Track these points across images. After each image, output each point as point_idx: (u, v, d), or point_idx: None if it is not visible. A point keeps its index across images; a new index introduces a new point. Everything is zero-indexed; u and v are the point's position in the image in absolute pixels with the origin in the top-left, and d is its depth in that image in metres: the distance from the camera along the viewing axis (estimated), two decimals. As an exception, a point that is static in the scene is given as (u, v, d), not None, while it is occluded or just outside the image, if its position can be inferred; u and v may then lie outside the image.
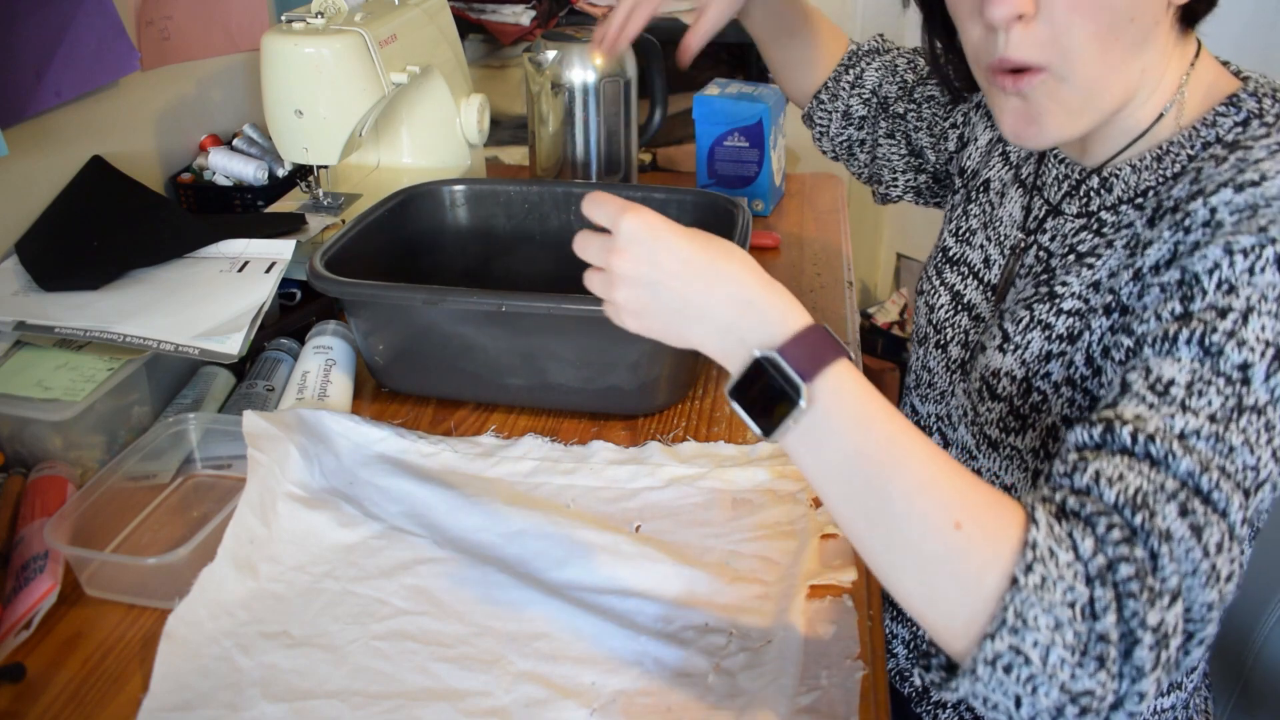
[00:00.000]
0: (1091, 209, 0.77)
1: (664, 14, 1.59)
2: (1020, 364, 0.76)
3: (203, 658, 0.68)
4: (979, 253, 0.88)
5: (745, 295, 0.58)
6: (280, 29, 1.07)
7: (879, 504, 0.54)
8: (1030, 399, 0.75)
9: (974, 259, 0.89)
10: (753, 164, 1.36)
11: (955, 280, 0.90)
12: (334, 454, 0.86)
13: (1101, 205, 0.76)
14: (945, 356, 0.88)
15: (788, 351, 0.56)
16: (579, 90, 1.32)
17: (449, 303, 0.88)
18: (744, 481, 0.85)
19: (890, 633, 0.93)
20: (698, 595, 0.73)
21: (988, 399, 0.78)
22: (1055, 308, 0.74)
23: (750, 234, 0.97)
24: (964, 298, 0.88)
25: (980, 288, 0.87)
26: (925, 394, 0.92)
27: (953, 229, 0.93)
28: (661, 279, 0.60)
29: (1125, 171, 0.75)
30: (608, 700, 0.65)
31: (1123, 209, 0.74)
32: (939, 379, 0.90)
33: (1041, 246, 0.81)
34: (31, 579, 0.73)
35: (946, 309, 0.89)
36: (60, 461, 0.85)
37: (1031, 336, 0.75)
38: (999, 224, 0.87)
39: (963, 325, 0.87)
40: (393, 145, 1.33)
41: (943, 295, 0.90)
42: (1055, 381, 0.74)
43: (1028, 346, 0.75)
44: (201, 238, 1.02)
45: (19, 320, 0.90)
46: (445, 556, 0.77)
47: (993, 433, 0.78)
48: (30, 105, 1.02)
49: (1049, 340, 0.74)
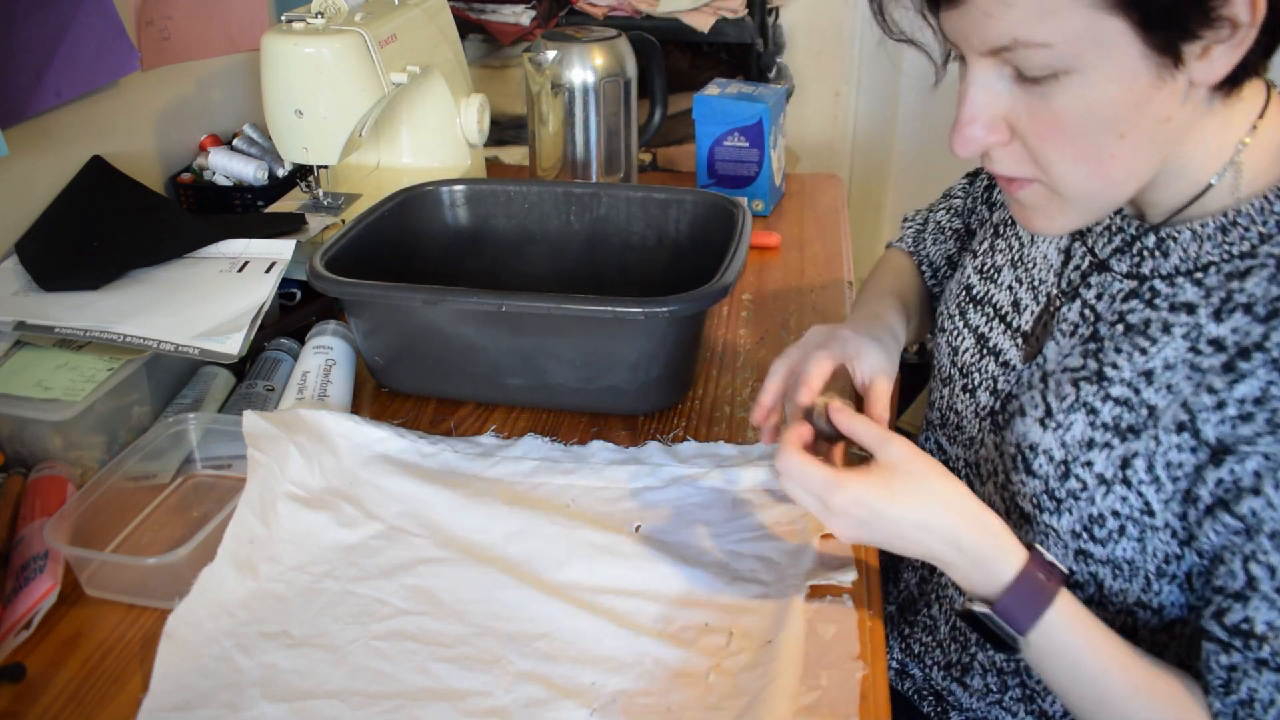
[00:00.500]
0: (1143, 272, 0.70)
1: (664, 14, 1.60)
2: (1060, 445, 0.70)
3: (203, 658, 0.68)
4: (1006, 294, 0.82)
5: (955, 538, 0.65)
6: (280, 29, 1.07)
7: (1100, 706, 0.64)
8: (1068, 484, 0.70)
9: (1001, 301, 0.82)
10: (753, 164, 1.36)
11: (980, 322, 0.83)
12: (334, 454, 0.86)
13: (1155, 271, 0.69)
14: (974, 402, 0.83)
15: (1003, 607, 0.64)
16: (579, 90, 1.32)
17: (449, 303, 0.88)
18: (744, 481, 0.85)
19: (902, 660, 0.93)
20: (698, 595, 0.73)
21: (1022, 471, 0.73)
22: (1103, 391, 0.68)
23: (750, 234, 0.97)
24: (990, 341, 0.82)
25: (1008, 333, 0.81)
26: (953, 435, 0.86)
27: (977, 265, 0.86)
28: (881, 540, 0.68)
29: (1185, 237, 0.67)
30: (608, 700, 0.65)
31: (1179, 281, 0.67)
32: (967, 423, 0.84)
33: (1086, 304, 0.74)
34: (31, 579, 0.73)
35: (972, 352, 0.83)
36: (60, 461, 0.85)
37: (1075, 419, 0.70)
38: (1031, 265, 0.80)
39: (990, 371, 0.81)
40: (393, 145, 1.33)
41: (967, 338, 0.84)
42: (1100, 474, 0.68)
43: (1070, 428, 0.70)
44: (201, 238, 1.02)
45: (19, 320, 0.90)
46: (445, 556, 0.77)
47: (1025, 506, 0.74)
48: (30, 105, 1.02)
49: (1092, 427, 0.69)
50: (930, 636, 0.89)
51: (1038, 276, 0.80)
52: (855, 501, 0.66)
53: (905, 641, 0.92)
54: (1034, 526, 0.73)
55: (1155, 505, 0.66)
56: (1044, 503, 0.72)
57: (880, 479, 0.67)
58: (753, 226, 1.19)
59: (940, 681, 0.89)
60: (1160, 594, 0.69)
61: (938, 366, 0.89)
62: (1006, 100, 0.62)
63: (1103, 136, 0.60)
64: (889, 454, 0.67)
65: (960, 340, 0.85)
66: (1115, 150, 0.61)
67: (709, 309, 0.90)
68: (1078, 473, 0.69)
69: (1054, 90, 0.59)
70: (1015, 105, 0.62)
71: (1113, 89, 0.58)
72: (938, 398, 0.89)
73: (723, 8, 1.60)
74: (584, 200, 1.10)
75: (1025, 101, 0.61)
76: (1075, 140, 0.61)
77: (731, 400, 0.97)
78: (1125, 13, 0.56)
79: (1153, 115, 0.60)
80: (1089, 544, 0.70)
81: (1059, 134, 0.61)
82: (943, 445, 0.88)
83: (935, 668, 0.89)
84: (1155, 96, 0.59)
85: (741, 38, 1.61)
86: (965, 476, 0.84)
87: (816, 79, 2.18)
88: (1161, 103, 0.59)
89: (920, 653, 0.90)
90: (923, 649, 0.90)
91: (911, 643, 0.91)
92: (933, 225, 1.03)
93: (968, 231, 1.00)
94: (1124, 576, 0.69)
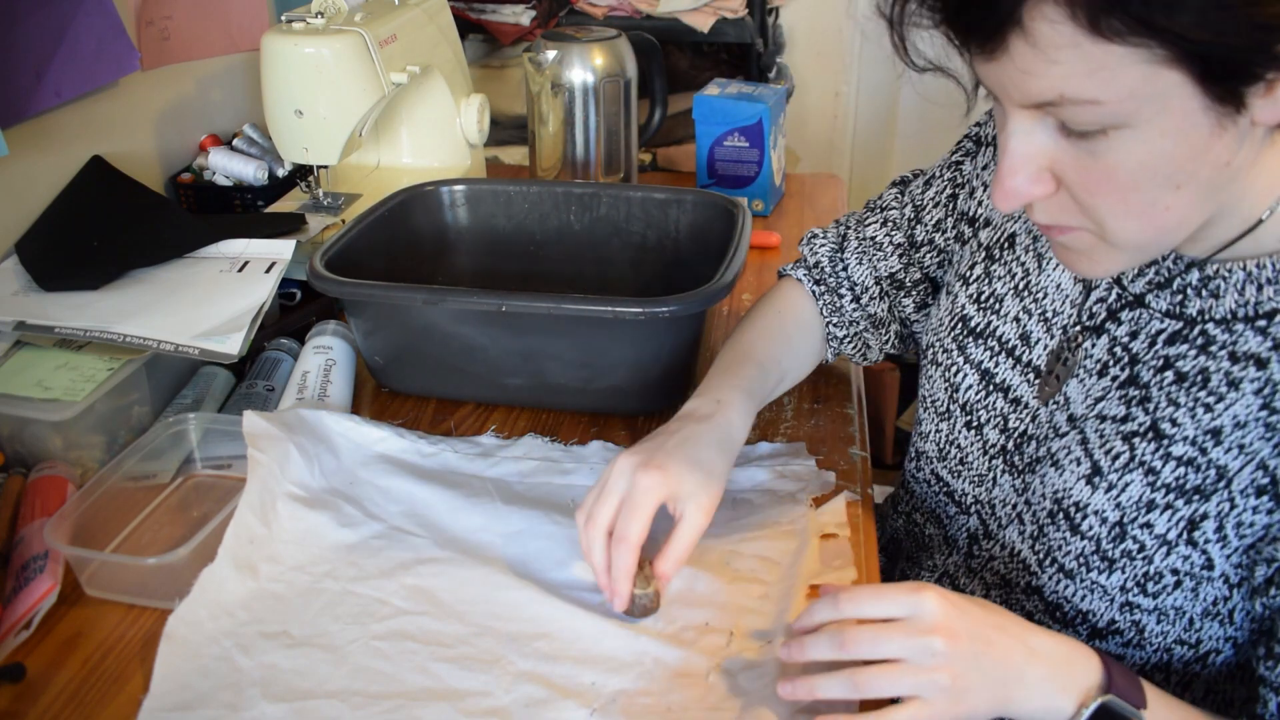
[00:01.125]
0: (1189, 313, 0.65)
1: (664, 14, 1.60)
2: (1115, 506, 0.67)
3: (203, 658, 0.68)
4: (1012, 326, 0.77)
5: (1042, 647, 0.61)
6: (280, 29, 1.07)
7: None
8: (1124, 545, 0.67)
9: (1007, 334, 0.77)
10: (753, 164, 1.36)
11: (982, 357, 0.78)
12: (334, 454, 0.86)
13: (1206, 314, 0.64)
14: (981, 439, 0.79)
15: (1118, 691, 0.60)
16: (579, 90, 1.32)
17: (449, 303, 0.88)
18: (744, 481, 0.85)
19: None
20: (698, 595, 0.73)
21: (1065, 530, 0.69)
22: (1163, 450, 0.65)
23: (750, 234, 0.97)
24: (995, 377, 0.77)
25: (1017, 367, 0.76)
26: (957, 470, 0.82)
27: (971, 294, 0.81)
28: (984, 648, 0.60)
29: (1237, 276, 0.63)
30: (608, 700, 0.65)
31: (1239, 328, 0.63)
32: (974, 460, 0.80)
33: (1118, 342, 0.69)
34: (31, 579, 0.73)
35: (975, 389, 0.79)
36: (60, 461, 0.85)
37: (1132, 479, 0.66)
38: (1040, 295, 0.75)
39: (999, 408, 0.77)
40: (393, 145, 1.33)
41: (969, 374, 0.79)
42: (1161, 535, 0.65)
43: (1125, 489, 0.66)
44: (201, 238, 1.02)
45: (19, 320, 0.90)
46: (445, 557, 0.77)
47: (1069, 564, 0.70)
48: (30, 105, 1.02)
49: (1152, 488, 0.65)
50: None
51: (1050, 307, 0.75)
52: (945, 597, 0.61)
53: None
54: (1074, 580, 0.70)
55: (1217, 560, 0.64)
56: (1093, 562, 0.68)
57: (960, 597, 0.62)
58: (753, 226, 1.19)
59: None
60: (1201, 631, 0.68)
61: (930, 398, 0.84)
62: (1051, 152, 0.57)
63: (1157, 190, 0.56)
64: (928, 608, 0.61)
65: (960, 376, 0.80)
66: (1170, 202, 0.56)
67: (709, 309, 0.90)
68: (1135, 534, 0.66)
69: (1104, 146, 0.55)
70: (1060, 157, 0.57)
71: (1169, 143, 0.54)
72: (932, 430, 0.84)
73: (723, 8, 1.60)
74: (584, 200, 1.10)
75: (1072, 155, 0.57)
76: (1128, 195, 0.56)
77: (731, 400, 0.97)
78: (1184, 65, 0.50)
79: (1211, 163, 0.55)
80: (1138, 597, 0.68)
81: (1110, 189, 0.57)
82: (943, 477, 0.84)
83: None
84: (1214, 145, 0.54)
85: (741, 38, 1.61)
86: (976, 513, 0.81)
87: (816, 79, 2.18)
88: (1221, 150, 0.54)
89: None
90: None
91: None
92: (857, 242, 0.94)
93: (911, 245, 0.91)
94: (1168, 621, 0.68)
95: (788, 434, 0.92)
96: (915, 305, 0.93)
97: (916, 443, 0.88)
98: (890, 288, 0.93)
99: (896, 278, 0.93)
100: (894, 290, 0.93)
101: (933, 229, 0.90)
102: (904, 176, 0.96)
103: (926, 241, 0.90)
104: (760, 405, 0.84)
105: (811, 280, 0.95)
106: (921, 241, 0.91)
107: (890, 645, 0.60)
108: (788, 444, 0.90)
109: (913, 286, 0.92)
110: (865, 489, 0.84)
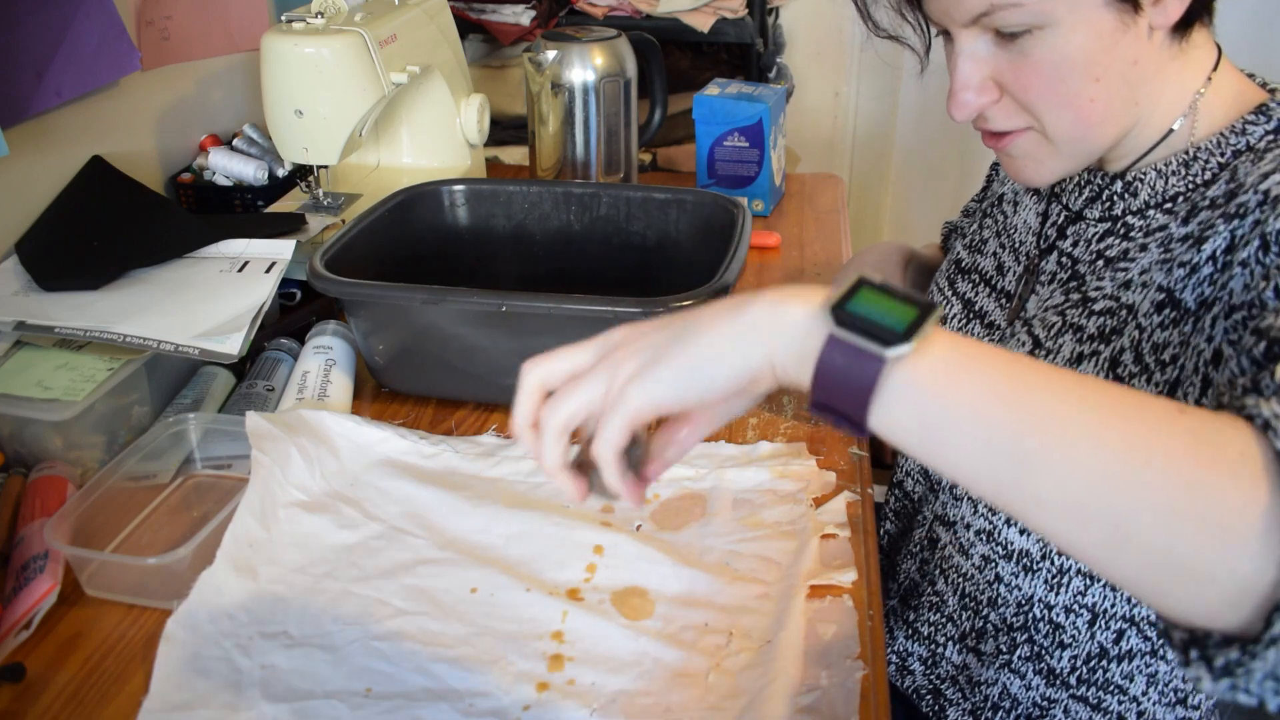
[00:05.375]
0: (1115, 213, 0.77)
1: (664, 13, 1.60)
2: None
3: (202, 658, 0.68)
4: (991, 260, 0.89)
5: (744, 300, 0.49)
6: (280, 29, 1.07)
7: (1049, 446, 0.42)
8: None
9: (986, 266, 0.89)
10: (753, 164, 1.36)
11: (967, 289, 0.90)
12: (335, 456, 0.86)
13: (1127, 210, 0.77)
14: None
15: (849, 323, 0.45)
16: (579, 90, 1.32)
17: (449, 303, 0.88)
18: (744, 481, 0.85)
19: (906, 650, 0.93)
20: (698, 595, 0.73)
21: None
22: (1086, 310, 0.75)
23: (750, 234, 0.97)
24: (976, 305, 0.88)
25: (993, 294, 0.87)
26: None
27: (966, 242, 0.94)
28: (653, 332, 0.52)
29: (1150, 176, 0.75)
30: (608, 700, 0.65)
31: (1150, 213, 0.75)
32: None
33: (1063, 253, 0.81)
34: (31, 579, 0.73)
35: (959, 319, 0.89)
36: (60, 461, 0.85)
37: (1063, 340, 0.75)
38: (1013, 231, 0.88)
39: (975, 334, 0.86)
40: (393, 145, 1.33)
41: (955, 305, 0.90)
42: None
43: (1059, 351, 0.75)
44: (201, 238, 1.02)
45: (19, 320, 0.90)
46: (445, 557, 0.77)
47: None
48: (30, 105, 1.02)
49: (1079, 342, 0.74)
50: (939, 614, 0.89)
51: (1019, 239, 0.87)
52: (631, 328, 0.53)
53: (911, 628, 0.92)
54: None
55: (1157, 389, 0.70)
56: None
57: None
58: (753, 226, 1.19)
59: (955, 659, 0.88)
60: None
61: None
62: (990, 62, 0.70)
63: (1079, 81, 0.68)
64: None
65: (950, 309, 0.90)
66: (1093, 93, 0.68)
67: (709, 309, 0.89)
68: None
69: (1030, 44, 0.67)
70: (999, 65, 0.70)
71: (1081, 37, 0.66)
72: None
73: (723, 8, 1.60)
74: (584, 200, 1.10)
75: (1007, 60, 0.69)
76: (1055, 87, 0.68)
77: (731, 400, 0.97)
78: None
79: (1122, 58, 0.68)
80: None
81: (1040, 83, 0.69)
82: None
83: (950, 643, 0.89)
84: (1121, 40, 0.67)
85: (741, 38, 1.61)
86: None
87: (816, 79, 2.18)
88: (1128, 46, 0.67)
89: (930, 634, 0.90)
90: (932, 629, 0.90)
91: (919, 625, 0.91)
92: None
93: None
94: None
95: (788, 434, 0.92)
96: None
97: None
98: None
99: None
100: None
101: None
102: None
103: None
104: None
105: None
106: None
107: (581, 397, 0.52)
108: (788, 444, 0.90)
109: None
110: (865, 489, 0.84)
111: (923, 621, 0.91)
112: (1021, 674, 0.84)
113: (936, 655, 0.90)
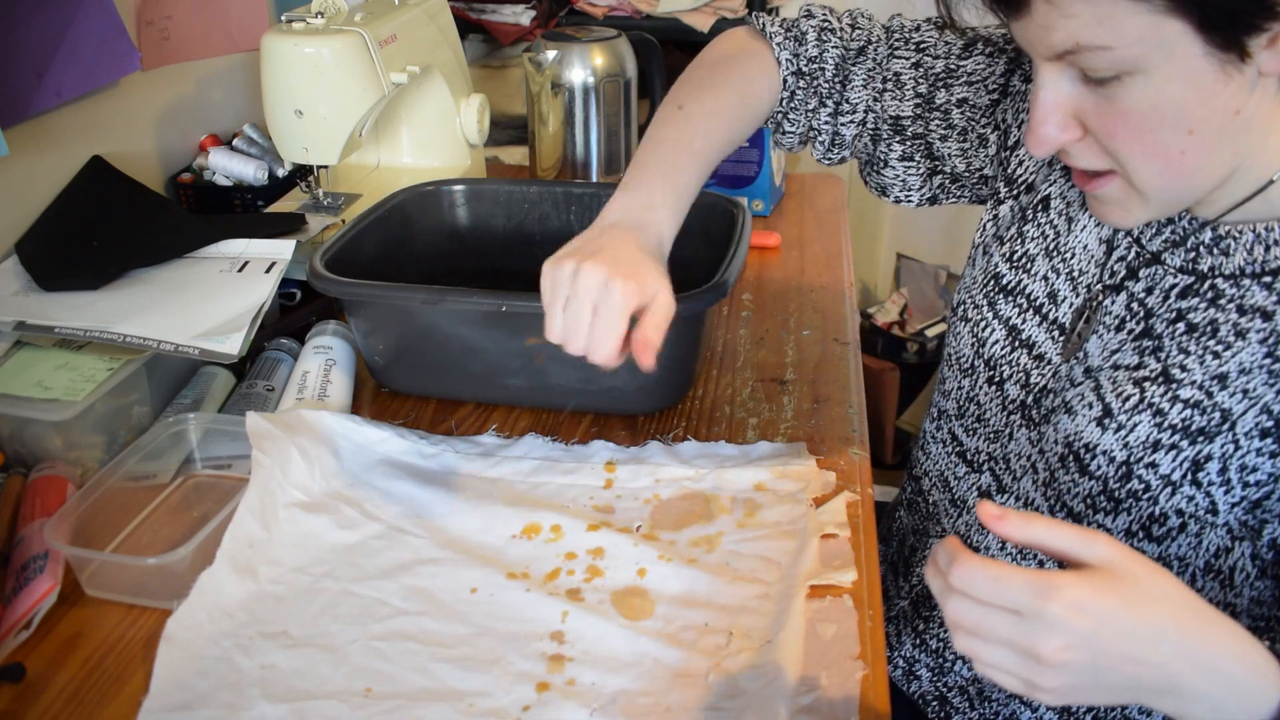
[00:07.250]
0: (1201, 269, 0.69)
1: (664, 13, 1.60)
2: (1123, 446, 0.69)
3: (203, 659, 0.68)
4: (1041, 285, 0.79)
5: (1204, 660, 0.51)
6: (280, 29, 1.07)
7: None
8: (1129, 485, 0.69)
9: (1036, 292, 0.80)
10: (753, 164, 1.36)
11: (1011, 313, 0.81)
12: (335, 456, 0.86)
13: (1215, 270, 0.68)
14: (1001, 395, 0.81)
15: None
16: (579, 90, 1.32)
17: (449, 303, 0.88)
18: (744, 481, 0.85)
19: (912, 657, 0.92)
20: (698, 595, 0.73)
21: (1075, 472, 0.72)
22: (1171, 393, 0.67)
23: (750, 234, 0.97)
24: (1022, 334, 0.80)
25: (1044, 324, 0.79)
26: (973, 427, 0.85)
27: (1005, 253, 0.83)
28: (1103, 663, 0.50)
29: (1247, 236, 0.67)
30: (608, 700, 0.65)
31: (1246, 284, 0.66)
32: (992, 416, 0.83)
33: (1134, 297, 0.73)
34: (31, 579, 0.73)
35: (1001, 345, 0.81)
36: (60, 461, 0.85)
37: (1140, 420, 0.68)
38: (1069, 255, 0.78)
39: (1022, 364, 0.80)
40: (393, 145, 1.33)
41: (996, 329, 0.82)
42: (1165, 475, 0.67)
43: (1133, 429, 0.68)
44: (201, 238, 1.02)
45: (19, 320, 0.90)
46: (445, 557, 0.77)
47: (1076, 506, 0.73)
48: (30, 105, 1.02)
49: (1159, 429, 0.67)
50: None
51: (1077, 267, 0.78)
52: (1077, 609, 0.49)
53: (920, 638, 0.91)
54: (1081, 524, 0.72)
55: (1221, 506, 0.66)
56: (1100, 503, 0.70)
57: (1102, 581, 0.50)
58: (753, 226, 1.19)
59: (964, 674, 0.88)
60: (1203, 591, 0.69)
61: (956, 355, 0.86)
62: (1075, 100, 0.63)
63: (1170, 133, 0.61)
64: (1098, 553, 0.51)
65: (988, 331, 0.82)
66: (1185, 146, 0.61)
67: (709, 309, 0.90)
68: (1140, 474, 0.68)
69: (1119, 90, 0.60)
70: (1084, 104, 0.63)
71: (1176, 87, 0.59)
72: (955, 387, 0.87)
73: (723, 8, 1.60)
74: (584, 200, 1.10)
75: (1093, 102, 0.62)
76: (1143, 137, 0.62)
77: (731, 400, 0.97)
78: (1183, 14, 0.56)
79: (1221, 110, 0.60)
80: (1143, 543, 0.69)
81: (1127, 131, 0.62)
82: (958, 436, 0.87)
83: (960, 660, 0.88)
84: (1222, 92, 0.59)
85: (741, 38, 1.61)
86: (988, 469, 0.84)
87: (816, 79, 2.17)
88: (1229, 97, 0.59)
89: (939, 648, 0.90)
90: (941, 644, 0.89)
91: (928, 639, 0.90)
92: (874, 65, 0.89)
93: (929, 104, 0.88)
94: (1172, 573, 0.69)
95: (788, 434, 0.92)
96: (900, 156, 0.91)
97: (938, 401, 0.90)
98: (888, 130, 0.90)
99: (901, 123, 0.90)
100: (891, 134, 0.90)
101: (955, 103, 0.87)
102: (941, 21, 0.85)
103: (942, 110, 0.88)
104: (689, 207, 0.80)
105: (794, 69, 0.89)
106: (940, 105, 0.88)
107: (991, 630, 0.51)
108: (788, 444, 0.90)
109: (911, 139, 0.90)
110: (865, 489, 0.84)
111: (932, 636, 0.90)
112: (1035, 708, 0.83)
113: (944, 666, 0.90)
